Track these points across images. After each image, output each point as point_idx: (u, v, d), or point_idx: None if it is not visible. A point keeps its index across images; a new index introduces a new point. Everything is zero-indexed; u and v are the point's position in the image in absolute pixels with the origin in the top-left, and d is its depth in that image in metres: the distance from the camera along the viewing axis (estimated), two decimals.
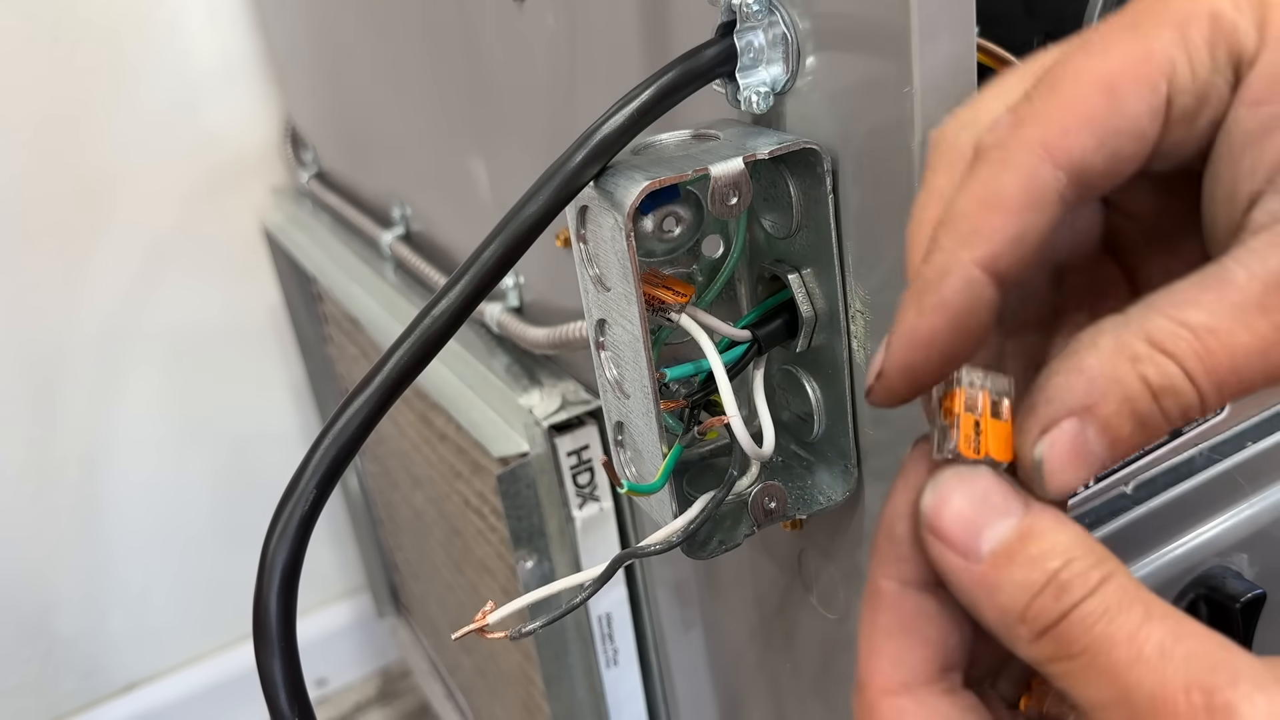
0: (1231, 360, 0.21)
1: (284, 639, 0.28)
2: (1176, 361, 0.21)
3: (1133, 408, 0.22)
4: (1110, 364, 0.22)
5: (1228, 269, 0.21)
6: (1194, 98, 0.22)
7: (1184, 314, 0.21)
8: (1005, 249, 0.23)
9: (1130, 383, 0.22)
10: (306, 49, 0.88)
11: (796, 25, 0.30)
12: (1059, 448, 0.22)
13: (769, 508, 0.34)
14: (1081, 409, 0.22)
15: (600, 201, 0.30)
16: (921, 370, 0.24)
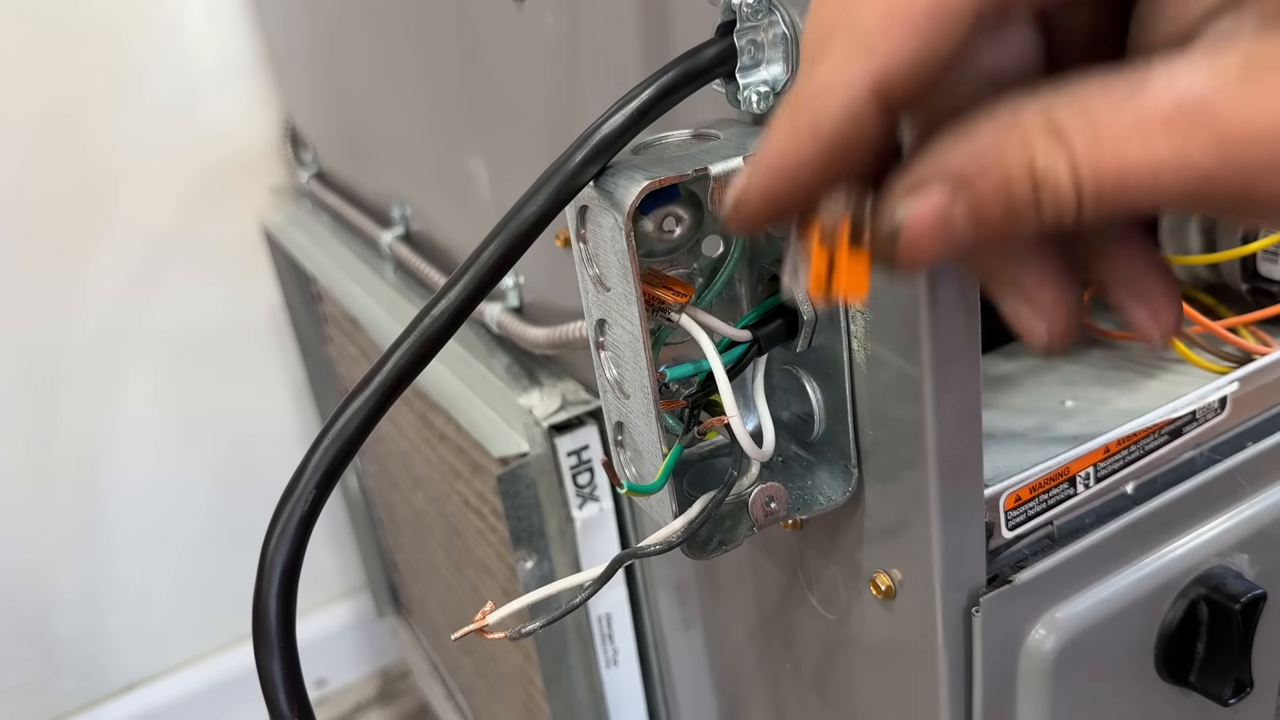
0: (1119, 169, 0.19)
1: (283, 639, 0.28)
2: (1068, 152, 0.19)
3: (1009, 190, 0.20)
4: (1001, 136, 0.20)
5: (1152, 73, 0.19)
6: None
7: (1091, 103, 0.19)
8: (901, 69, 0.20)
9: (1015, 163, 0.20)
10: (306, 48, 0.88)
11: (796, 25, 0.30)
12: (923, 213, 0.20)
13: (769, 508, 0.34)
14: (958, 176, 0.20)
15: (600, 201, 0.30)
16: (784, 199, 0.21)
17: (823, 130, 0.20)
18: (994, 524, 0.36)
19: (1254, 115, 0.18)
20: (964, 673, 0.36)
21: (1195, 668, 0.38)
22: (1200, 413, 0.41)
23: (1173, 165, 0.19)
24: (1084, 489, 0.38)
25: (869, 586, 0.36)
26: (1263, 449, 0.40)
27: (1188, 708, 0.40)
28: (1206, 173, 0.19)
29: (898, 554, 0.35)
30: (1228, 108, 0.18)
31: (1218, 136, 0.18)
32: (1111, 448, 0.39)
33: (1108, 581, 0.37)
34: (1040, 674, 0.36)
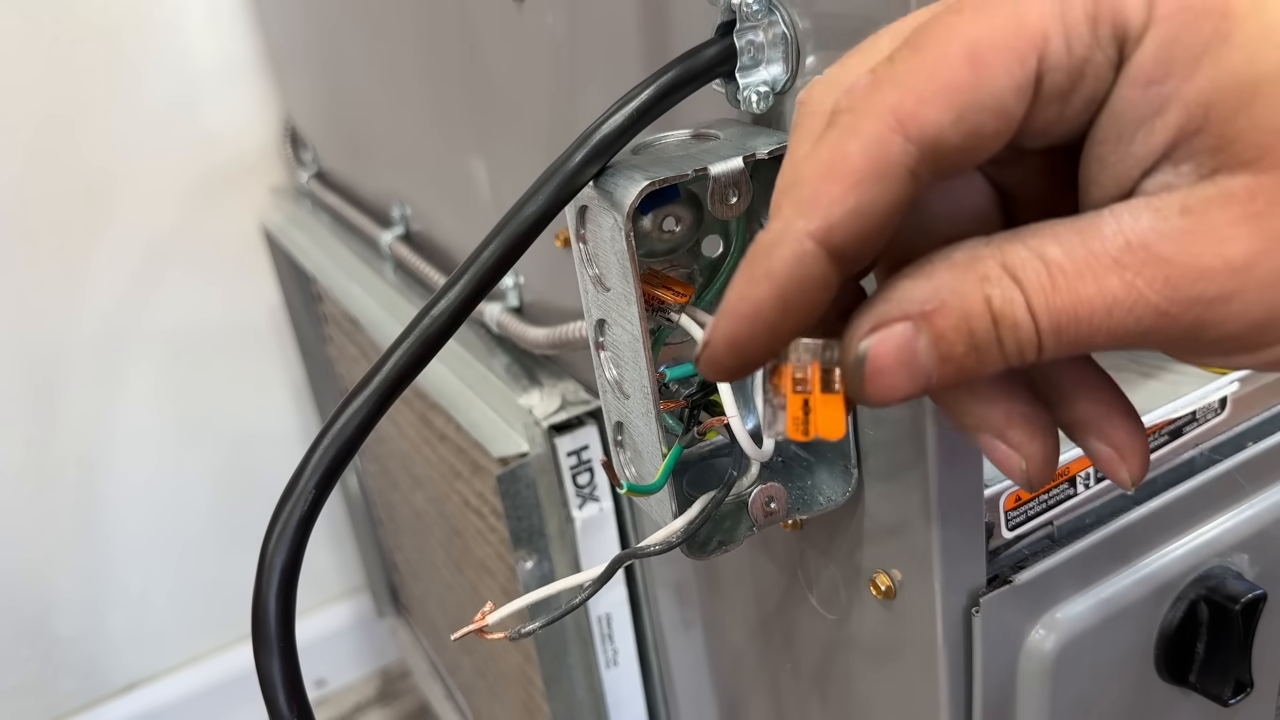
0: (1075, 306, 0.20)
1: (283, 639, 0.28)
2: (1023, 290, 0.20)
3: (970, 327, 0.21)
4: (959, 277, 0.21)
5: (1100, 218, 0.21)
6: (1067, 75, 0.21)
7: (1044, 247, 0.21)
8: (842, 222, 0.21)
9: (973, 300, 0.21)
10: (306, 48, 0.88)
11: (796, 25, 0.30)
12: (887, 346, 0.21)
13: (769, 508, 0.34)
14: (919, 314, 0.21)
15: (600, 201, 0.30)
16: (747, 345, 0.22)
17: (775, 278, 0.22)
18: (994, 524, 0.36)
19: (1197, 252, 0.20)
20: (964, 673, 0.36)
21: (1195, 668, 0.38)
22: (1200, 413, 0.41)
23: (1125, 300, 0.20)
24: (1084, 489, 0.38)
25: (869, 587, 0.36)
26: (1263, 449, 0.40)
27: (1188, 708, 0.40)
28: (1157, 307, 0.20)
29: (898, 554, 0.35)
30: (1171, 247, 0.20)
31: (1164, 273, 0.20)
32: None
33: (1108, 582, 0.37)
34: (1040, 674, 0.36)
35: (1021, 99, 0.21)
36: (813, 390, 0.22)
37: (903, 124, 0.21)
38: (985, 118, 0.21)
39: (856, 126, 0.21)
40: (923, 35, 0.21)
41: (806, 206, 0.21)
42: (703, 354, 0.23)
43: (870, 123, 0.21)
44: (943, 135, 0.21)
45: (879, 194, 0.21)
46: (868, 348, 0.22)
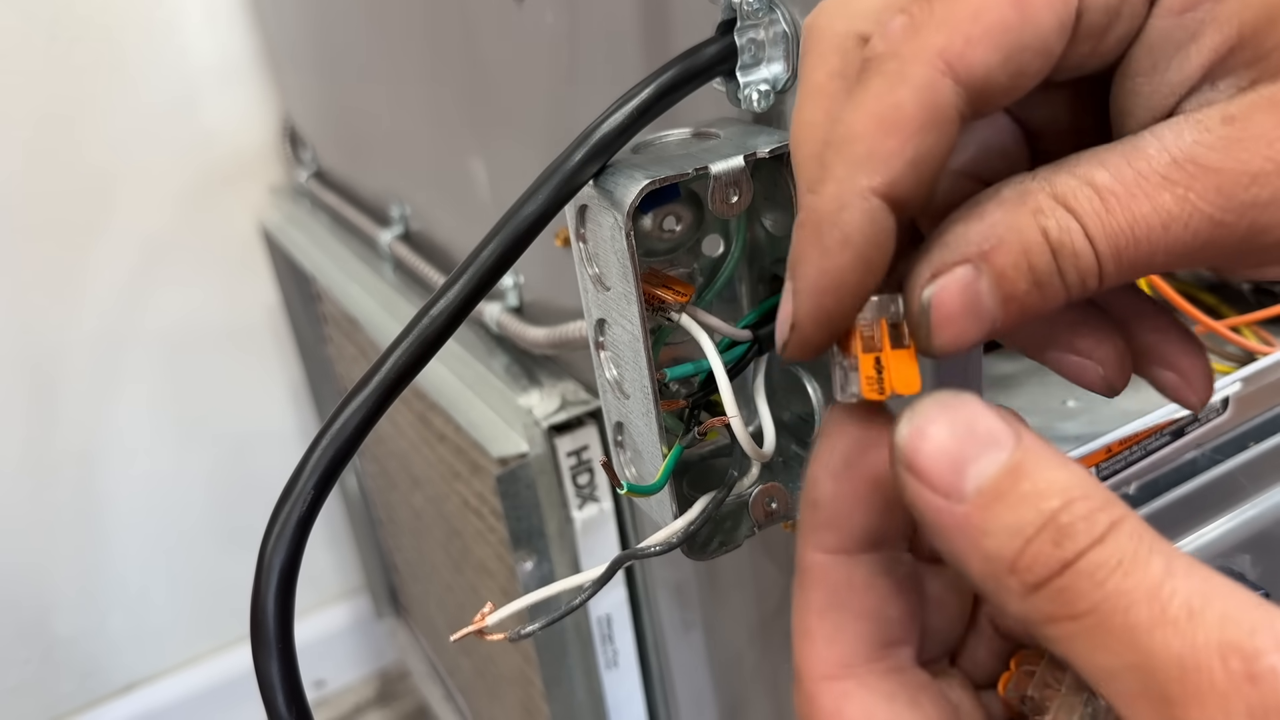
0: (1131, 227, 0.20)
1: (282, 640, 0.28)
2: (1078, 218, 0.20)
3: (1030, 261, 0.20)
4: (1011, 213, 0.21)
5: (1141, 139, 0.20)
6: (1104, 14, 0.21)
7: (1091, 173, 0.20)
8: (905, 174, 0.21)
9: (1030, 234, 0.20)
10: (305, 47, 0.88)
11: (797, 23, 0.30)
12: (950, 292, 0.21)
13: (770, 508, 0.34)
14: (977, 255, 0.21)
15: (600, 200, 0.30)
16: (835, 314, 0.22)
17: (853, 242, 0.21)
18: None
19: (1245, 158, 0.20)
20: None
21: None
22: (1202, 413, 0.40)
23: (1180, 215, 0.20)
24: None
25: None
26: (1265, 449, 0.40)
27: None
28: (1212, 218, 0.20)
29: None
30: (1218, 156, 0.20)
31: (1215, 182, 0.20)
32: (1114, 448, 0.39)
33: None
34: None
35: (1064, 36, 0.21)
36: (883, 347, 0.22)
37: (952, 67, 0.20)
38: (1029, 57, 0.21)
39: (904, 72, 0.20)
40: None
41: (866, 162, 0.21)
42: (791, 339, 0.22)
43: (919, 67, 0.20)
44: (990, 76, 0.21)
45: (935, 141, 0.21)
46: (931, 295, 0.21)
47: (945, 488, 0.19)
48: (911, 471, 0.19)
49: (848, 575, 0.22)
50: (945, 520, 0.19)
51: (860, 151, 0.21)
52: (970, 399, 0.20)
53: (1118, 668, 0.17)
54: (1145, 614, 0.17)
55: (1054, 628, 0.18)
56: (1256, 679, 0.16)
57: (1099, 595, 0.17)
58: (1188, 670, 0.17)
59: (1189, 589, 0.17)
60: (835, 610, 0.22)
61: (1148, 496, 0.38)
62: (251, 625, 0.28)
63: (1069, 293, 0.21)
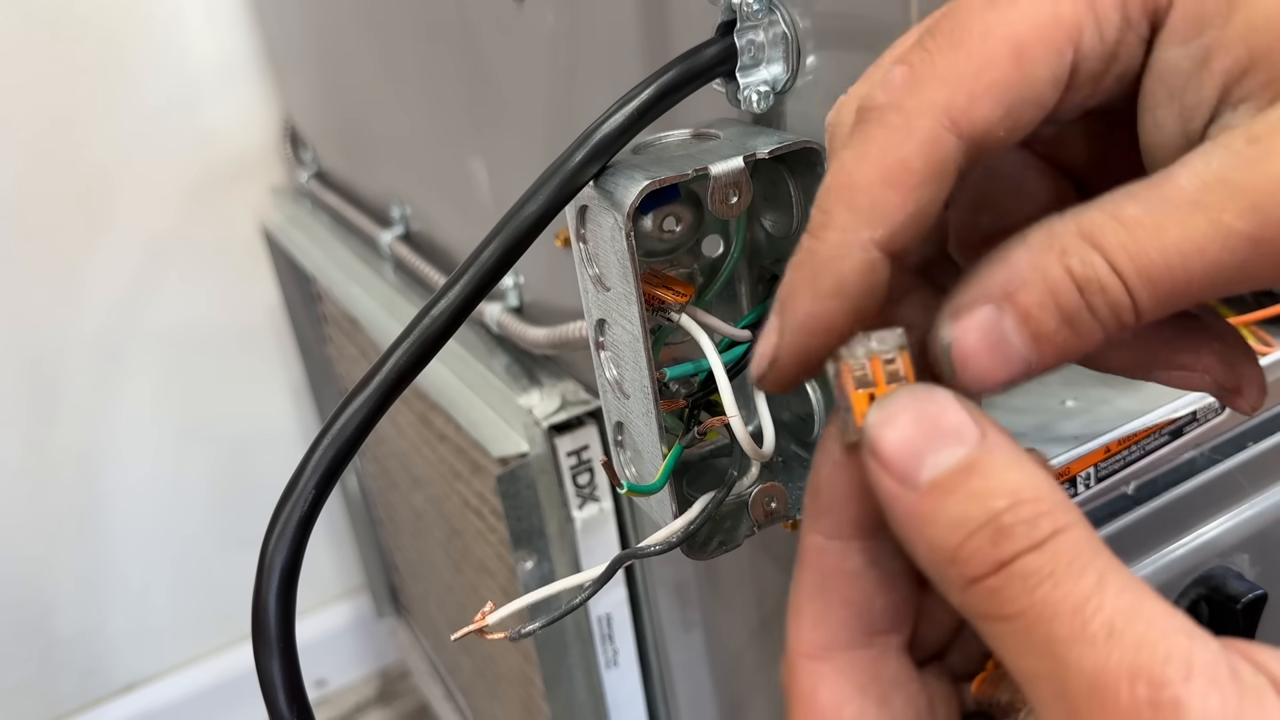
0: (1163, 255, 0.19)
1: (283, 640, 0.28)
2: (1103, 253, 0.20)
3: (1057, 300, 0.20)
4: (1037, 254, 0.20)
5: (1171, 171, 0.20)
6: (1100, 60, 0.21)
7: (1119, 208, 0.20)
8: (905, 227, 0.21)
9: (1054, 273, 0.20)
10: (306, 48, 0.88)
11: (797, 24, 0.30)
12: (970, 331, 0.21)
13: (769, 508, 0.34)
14: (1001, 296, 0.20)
15: (600, 201, 0.30)
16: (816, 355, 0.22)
17: (848, 291, 0.21)
18: None
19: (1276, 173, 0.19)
20: None
21: None
22: (1201, 413, 0.40)
23: (1216, 237, 0.19)
24: (1085, 489, 0.38)
25: None
26: (1264, 449, 0.40)
27: None
28: (1249, 235, 0.19)
29: None
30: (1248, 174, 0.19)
31: (1249, 200, 0.19)
32: (1112, 448, 0.39)
33: None
34: None
35: (1058, 89, 0.21)
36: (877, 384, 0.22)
37: (956, 123, 0.21)
38: (1026, 109, 0.21)
39: (910, 126, 0.21)
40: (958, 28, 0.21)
41: (868, 215, 0.21)
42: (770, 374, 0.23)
43: (924, 121, 0.21)
44: (991, 131, 0.21)
45: (934, 194, 0.21)
46: (950, 335, 0.21)
47: (902, 474, 0.20)
48: (875, 457, 0.20)
49: (841, 561, 0.22)
50: (898, 506, 0.20)
51: (864, 203, 0.21)
52: (942, 394, 0.20)
53: (1038, 673, 0.18)
54: (1067, 627, 0.18)
55: (987, 624, 0.19)
56: (1158, 707, 0.17)
57: (1027, 601, 0.18)
58: (1096, 689, 0.17)
59: (1115, 608, 0.18)
60: (824, 594, 0.22)
61: (1146, 496, 0.38)
62: (253, 624, 0.28)
63: (1104, 328, 0.20)
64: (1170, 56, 0.21)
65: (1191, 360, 0.25)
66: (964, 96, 0.21)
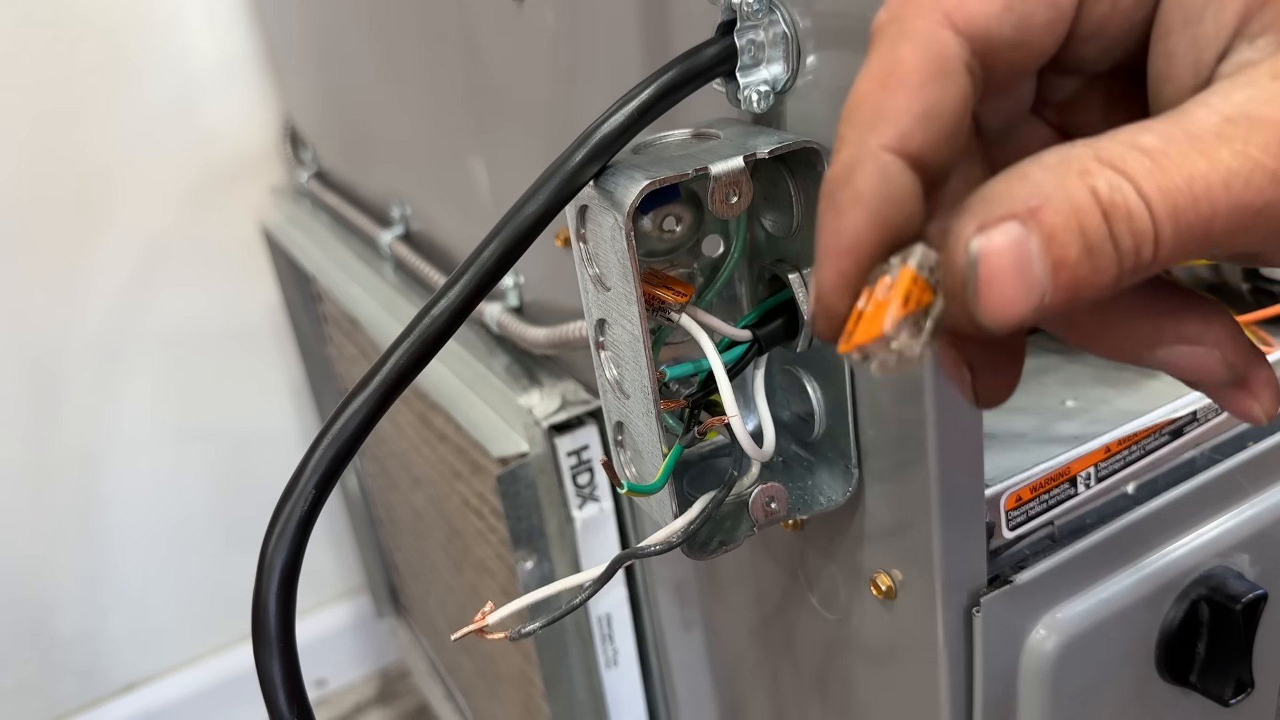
0: (1189, 184, 0.18)
1: (283, 639, 0.28)
2: (1129, 178, 0.19)
3: (1081, 222, 0.19)
4: (1057, 174, 0.19)
5: (1187, 108, 0.19)
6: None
7: (1137, 138, 0.19)
8: (915, 128, 0.20)
9: (1079, 193, 0.19)
10: (306, 48, 0.88)
11: (797, 24, 0.30)
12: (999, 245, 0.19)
13: (769, 508, 0.34)
14: (1025, 211, 0.19)
15: (600, 201, 0.30)
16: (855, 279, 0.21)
17: (865, 200, 0.20)
18: (995, 524, 0.36)
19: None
20: (964, 673, 0.36)
21: (1196, 668, 0.38)
22: (1201, 413, 0.40)
23: (1241, 170, 0.18)
24: (1085, 489, 0.38)
25: (869, 587, 0.36)
26: (1263, 449, 0.40)
27: (1188, 708, 0.40)
28: (1275, 173, 0.18)
29: (898, 554, 0.35)
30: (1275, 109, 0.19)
31: (1276, 135, 0.18)
32: (1112, 448, 0.39)
33: (1108, 582, 0.37)
34: (1041, 674, 0.36)
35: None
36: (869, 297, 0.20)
37: (950, 17, 0.20)
38: (1034, 7, 0.21)
39: (904, 30, 0.21)
40: None
41: (873, 120, 0.20)
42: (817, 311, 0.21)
43: (918, 22, 0.20)
44: (992, 25, 0.20)
45: (944, 93, 0.20)
46: (978, 249, 0.19)
47: None
48: None
49: None
50: None
51: (868, 112, 0.21)
52: None
53: None
54: None
55: None
56: None
57: None
58: None
59: None
60: None
61: (1147, 496, 0.38)
62: (253, 624, 0.28)
63: (1122, 264, 0.19)
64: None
65: (1199, 332, 0.23)
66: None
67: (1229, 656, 0.37)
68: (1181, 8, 0.21)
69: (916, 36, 0.20)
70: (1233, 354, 0.23)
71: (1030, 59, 0.21)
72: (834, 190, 0.21)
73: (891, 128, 0.20)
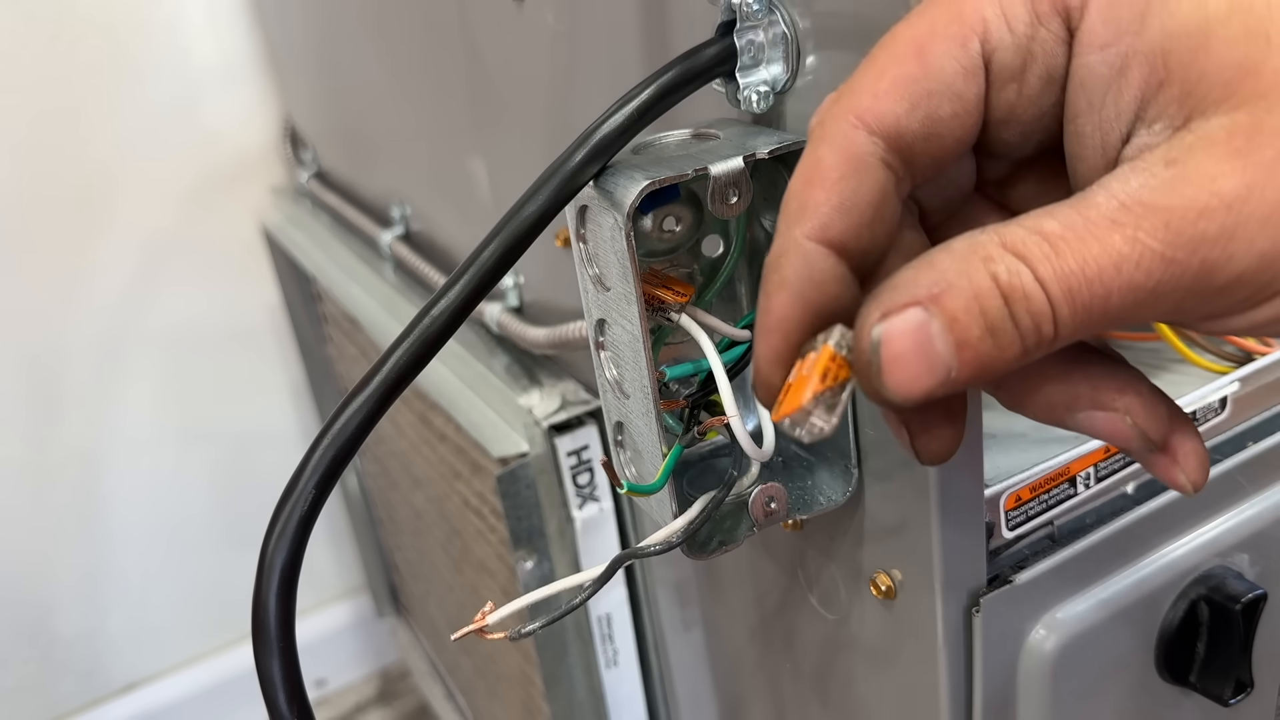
0: (1083, 268, 0.20)
1: (283, 639, 0.28)
2: (1027, 262, 0.20)
3: (981, 305, 0.21)
4: (961, 261, 0.21)
5: (1089, 192, 0.21)
6: (1015, 54, 0.22)
7: (1040, 223, 0.21)
8: (833, 218, 0.23)
9: (979, 279, 0.21)
10: (306, 48, 0.88)
11: (796, 24, 0.30)
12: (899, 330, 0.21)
13: (769, 508, 0.34)
14: (928, 298, 0.21)
15: (600, 201, 0.30)
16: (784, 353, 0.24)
17: (790, 284, 0.23)
18: (994, 524, 0.36)
19: (1191, 194, 0.20)
20: (964, 673, 0.36)
21: (1196, 668, 0.38)
22: (1201, 412, 0.40)
23: (1131, 254, 0.20)
24: (1084, 489, 0.38)
25: (869, 587, 0.36)
26: (1263, 449, 0.40)
27: (1188, 708, 0.40)
28: (1163, 255, 0.20)
29: (898, 554, 0.35)
30: (1164, 196, 0.20)
31: (1163, 220, 0.20)
32: (1111, 448, 0.39)
33: (1108, 582, 0.37)
34: (1040, 674, 0.36)
35: (970, 81, 0.22)
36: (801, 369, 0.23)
37: (863, 118, 0.23)
38: (939, 102, 0.23)
39: (824, 133, 0.23)
40: (875, 47, 0.23)
41: (797, 214, 0.23)
42: (756, 381, 0.24)
43: (835, 125, 0.23)
44: (901, 123, 0.23)
45: (858, 185, 0.23)
46: (880, 332, 0.21)
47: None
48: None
49: None
50: None
51: (794, 206, 0.23)
52: None
53: None
54: None
55: None
56: None
57: None
58: None
59: None
60: None
61: (1146, 496, 0.38)
62: (253, 624, 0.28)
63: (1024, 343, 0.21)
64: (1089, 62, 0.22)
65: (1112, 398, 0.24)
66: (868, 97, 0.23)
67: (1229, 656, 0.37)
68: (1085, 92, 0.22)
69: (834, 138, 0.23)
70: (1145, 421, 0.24)
71: (946, 149, 0.23)
72: (766, 275, 0.24)
73: (811, 219, 0.23)
